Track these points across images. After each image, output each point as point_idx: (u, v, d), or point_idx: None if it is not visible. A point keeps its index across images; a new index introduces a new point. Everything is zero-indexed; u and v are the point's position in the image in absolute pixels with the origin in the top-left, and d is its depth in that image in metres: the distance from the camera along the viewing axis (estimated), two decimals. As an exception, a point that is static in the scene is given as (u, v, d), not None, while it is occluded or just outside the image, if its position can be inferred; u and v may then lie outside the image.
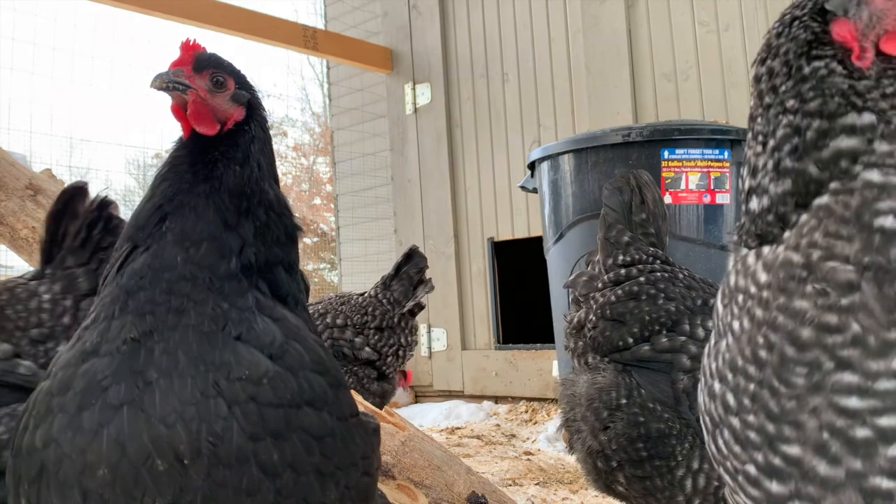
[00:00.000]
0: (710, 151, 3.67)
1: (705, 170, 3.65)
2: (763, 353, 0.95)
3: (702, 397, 1.09)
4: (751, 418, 0.96)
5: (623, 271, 2.20)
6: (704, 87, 5.33)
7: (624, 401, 1.98)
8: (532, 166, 4.26)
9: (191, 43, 1.31)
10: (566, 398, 2.17)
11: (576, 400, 2.10)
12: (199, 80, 1.30)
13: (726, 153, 3.68)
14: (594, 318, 2.16)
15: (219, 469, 1.07)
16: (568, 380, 2.20)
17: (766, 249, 1.01)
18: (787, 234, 0.98)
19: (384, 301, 3.34)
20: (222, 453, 1.08)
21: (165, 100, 1.33)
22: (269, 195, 1.33)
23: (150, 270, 1.19)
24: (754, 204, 1.05)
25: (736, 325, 1.01)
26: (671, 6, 5.48)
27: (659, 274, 2.15)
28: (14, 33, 5.42)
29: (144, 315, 1.15)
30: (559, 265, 3.98)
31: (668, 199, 3.63)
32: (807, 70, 1.00)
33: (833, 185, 0.94)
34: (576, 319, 2.25)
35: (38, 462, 1.09)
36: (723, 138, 3.69)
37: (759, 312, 0.97)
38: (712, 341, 1.10)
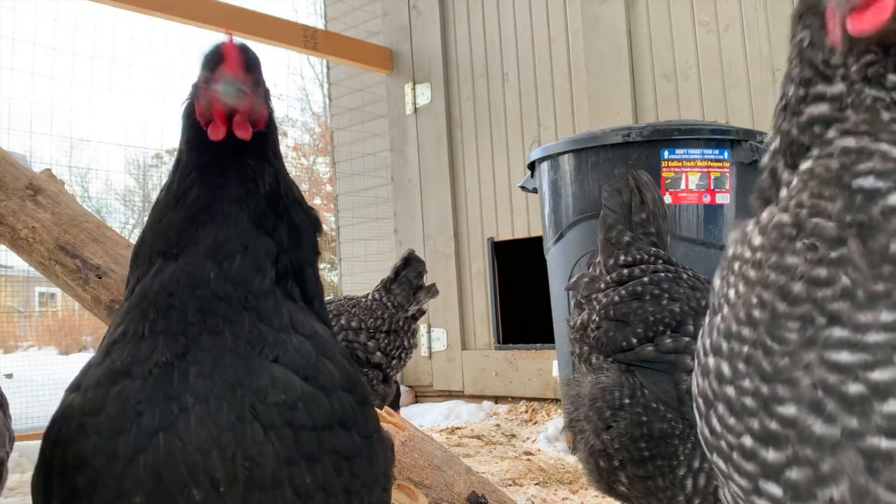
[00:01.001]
0: (710, 151, 3.67)
1: (705, 170, 3.65)
2: (756, 313, 0.95)
3: (694, 381, 1.08)
4: (746, 383, 0.94)
5: (626, 271, 2.20)
6: (704, 87, 5.33)
7: (627, 400, 1.98)
8: (532, 166, 4.26)
9: (235, 44, 1.24)
10: (570, 399, 2.17)
11: (580, 400, 2.10)
12: (249, 84, 1.23)
13: (726, 153, 3.68)
14: (597, 319, 2.15)
15: (254, 493, 1.07)
16: (572, 381, 2.20)
17: (763, 214, 1.03)
18: (781, 192, 1.02)
19: (389, 305, 3.37)
20: (258, 478, 1.07)
21: (166, 100, 1.32)
22: (296, 193, 1.30)
23: (180, 287, 1.15)
24: (765, 159, 1.09)
25: (731, 292, 1.01)
26: (671, 6, 5.48)
27: (662, 274, 2.15)
28: (14, 33, 5.43)
29: (177, 336, 1.12)
30: (559, 265, 3.98)
31: (668, 199, 3.63)
32: (796, 38, 1.08)
33: (814, 150, 0.98)
34: (579, 322, 2.24)
35: (70, 482, 1.07)
36: (723, 138, 3.69)
37: (752, 273, 0.98)
38: (707, 319, 1.09)
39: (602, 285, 2.22)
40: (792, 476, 0.88)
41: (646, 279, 2.14)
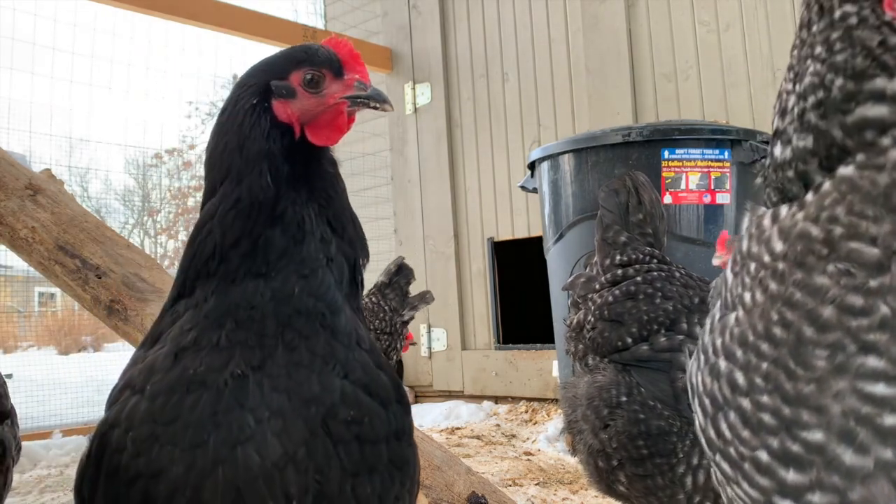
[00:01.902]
0: (710, 151, 3.67)
1: (705, 170, 3.65)
2: (778, 331, 0.89)
3: (699, 377, 1.04)
4: (764, 399, 0.90)
5: (620, 272, 2.21)
6: (705, 86, 5.33)
7: (624, 398, 1.99)
8: (532, 166, 4.26)
9: (350, 45, 1.25)
10: (567, 401, 2.17)
11: (577, 401, 2.11)
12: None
13: (726, 153, 3.68)
14: (592, 319, 2.16)
15: None
16: (569, 382, 2.20)
17: (783, 211, 0.93)
18: (808, 196, 0.89)
19: (386, 308, 3.58)
20: (327, 491, 1.10)
21: (166, 100, 1.31)
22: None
23: (264, 300, 1.15)
24: (777, 151, 0.95)
25: (748, 296, 0.95)
26: (671, 6, 5.48)
27: (656, 273, 2.16)
28: (14, 33, 5.42)
29: (253, 348, 1.12)
30: (559, 265, 3.98)
31: (668, 199, 3.63)
32: (837, 13, 0.87)
33: (859, 156, 0.84)
34: (575, 321, 2.25)
35: (142, 491, 1.07)
36: (723, 138, 3.69)
37: (773, 286, 0.91)
38: (717, 315, 1.03)
39: (597, 286, 2.23)
40: (815, 499, 0.87)
41: (639, 279, 2.14)
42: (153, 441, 1.08)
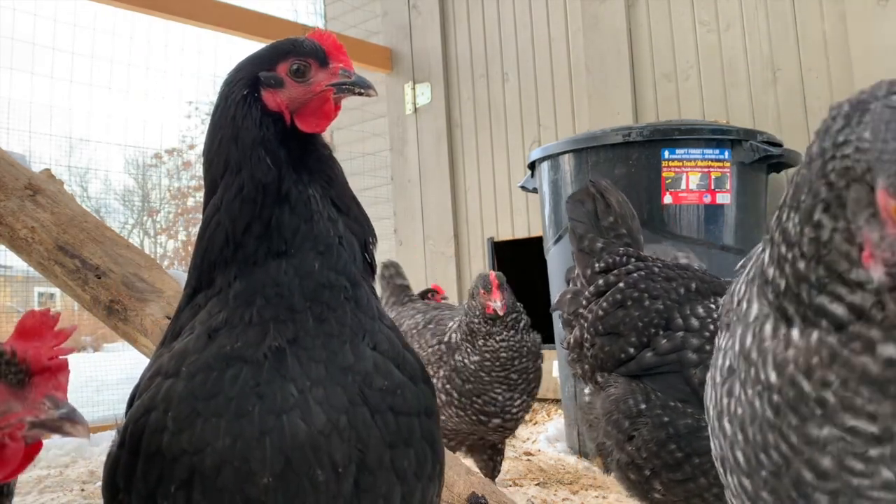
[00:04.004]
0: (710, 151, 3.66)
1: (706, 170, 3.64)
2: (775, 457, 0.90)
3: (713, 396, 1.04)
4: (764, 495, 0.92)
5: (601, 281, 2.17)
6: (705, 86, 5.32)
7: (643, 406, 1.93)
8: (532, 166, 4.25)
9: (333, 36, 1.27)
10: (588, 423, 2.12)
11: (598, 422, 2.05)
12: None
13: (727, 153, 3.67)
14: (589, 337, 2.12)
15: (364, 475, 1.11)
16: (585, 404, 2.16)
17: (780, 331, 0.92)
18: (794, 334, 0.89)
19: None
20: (368, 460, 1.11)
21: (165, 100, 1.31)
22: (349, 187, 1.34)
23: (286, 276, 1.16)
24: (776, 273, 0.94)
25: (740, 408, 0.96)
26: (672, 6, 5.47)
27: (636, 274, 2.12)
28: (14, 33, 5.42)
29: (286, 322, 1.14)
30: (559, 265, 3.97)
31: (668, 199, 3.62)
32: (815, 218, 0.90)
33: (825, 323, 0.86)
34: (572, 340, 2.20)
35: (187, 467, 1.06)
36: (723, 138, 3.69)
37: (769, 413, 0.91)
38: (725, 364, 1.03)
39: (584, 301, 2.19)
40: None
41: (621, 284, 2.11)
42: (195, 417, 1.07)
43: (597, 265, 2.22)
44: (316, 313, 1.15)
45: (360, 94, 1.28)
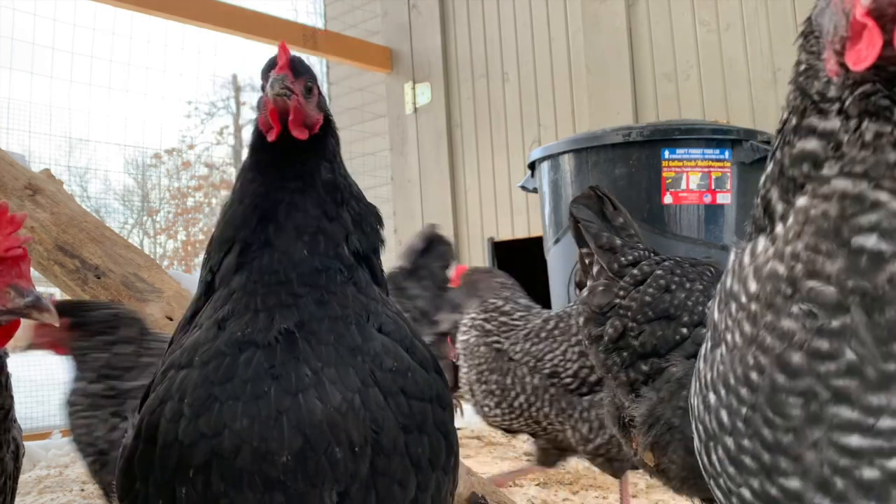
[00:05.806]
0: (710, 151, 3.66)
1: (706, 169, 3.64)
2: (754, 376, 0.90)
3: (696, 401, 1.05)
4: (745, 443, 0.91)
5: (636, 271, 2.18)
6: (705, 86, 5.32)
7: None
8: (532, 166, 4.25)
9: (287, 51, 1.31)
10: (641, 419, 2.09)
11: (655, 411, 2.03)
12: (298, 85, 1.30)
13: (727, 153, 3.67)
14: (636, 325, 2.11)
15: (380, 458, 1.11)
16: (630, 408, 2.13)
17: (759, 245, 0.95)
18: (778, 228, 0.92)
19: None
20: (383, 442, 1.11)
21: (165, 100, 1.32)
22: (356, 188, 1.38)
23: (281, 265, 1.20)
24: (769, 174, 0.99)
25: (729, 337, 0.96)
26: (672, 6, 5.47)
27: (667, 263, 2.16)
28: (14, 33, 5.42)
29: (290, 307, 1.16)
30: (559, 265, 3.97)
31: (668, 198, 3.62)
32: (796, 60, 0.98)
33: (809, 185, 0.88)
34: (612, 332, 2.18)
35: (206, 450, 1.07)
36: (723, 138, 3.69)
37: (748, 328, 0.92)
38: (708, 345, 1.05)
39: (621, 291, 2.19)
40: None
41: (660, 271, 2.13)
42: (212, 401, 1.08)
43: (623, 259, 2.24)
44: (317, 297, 1.17)
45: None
